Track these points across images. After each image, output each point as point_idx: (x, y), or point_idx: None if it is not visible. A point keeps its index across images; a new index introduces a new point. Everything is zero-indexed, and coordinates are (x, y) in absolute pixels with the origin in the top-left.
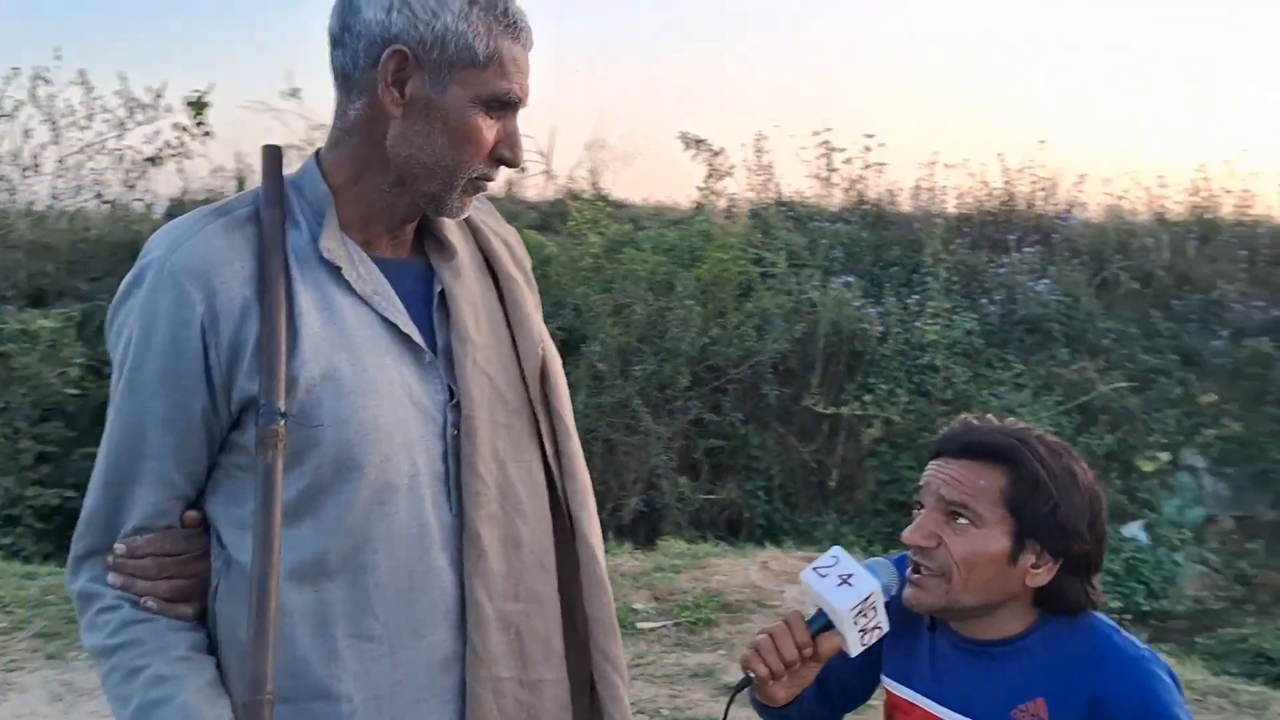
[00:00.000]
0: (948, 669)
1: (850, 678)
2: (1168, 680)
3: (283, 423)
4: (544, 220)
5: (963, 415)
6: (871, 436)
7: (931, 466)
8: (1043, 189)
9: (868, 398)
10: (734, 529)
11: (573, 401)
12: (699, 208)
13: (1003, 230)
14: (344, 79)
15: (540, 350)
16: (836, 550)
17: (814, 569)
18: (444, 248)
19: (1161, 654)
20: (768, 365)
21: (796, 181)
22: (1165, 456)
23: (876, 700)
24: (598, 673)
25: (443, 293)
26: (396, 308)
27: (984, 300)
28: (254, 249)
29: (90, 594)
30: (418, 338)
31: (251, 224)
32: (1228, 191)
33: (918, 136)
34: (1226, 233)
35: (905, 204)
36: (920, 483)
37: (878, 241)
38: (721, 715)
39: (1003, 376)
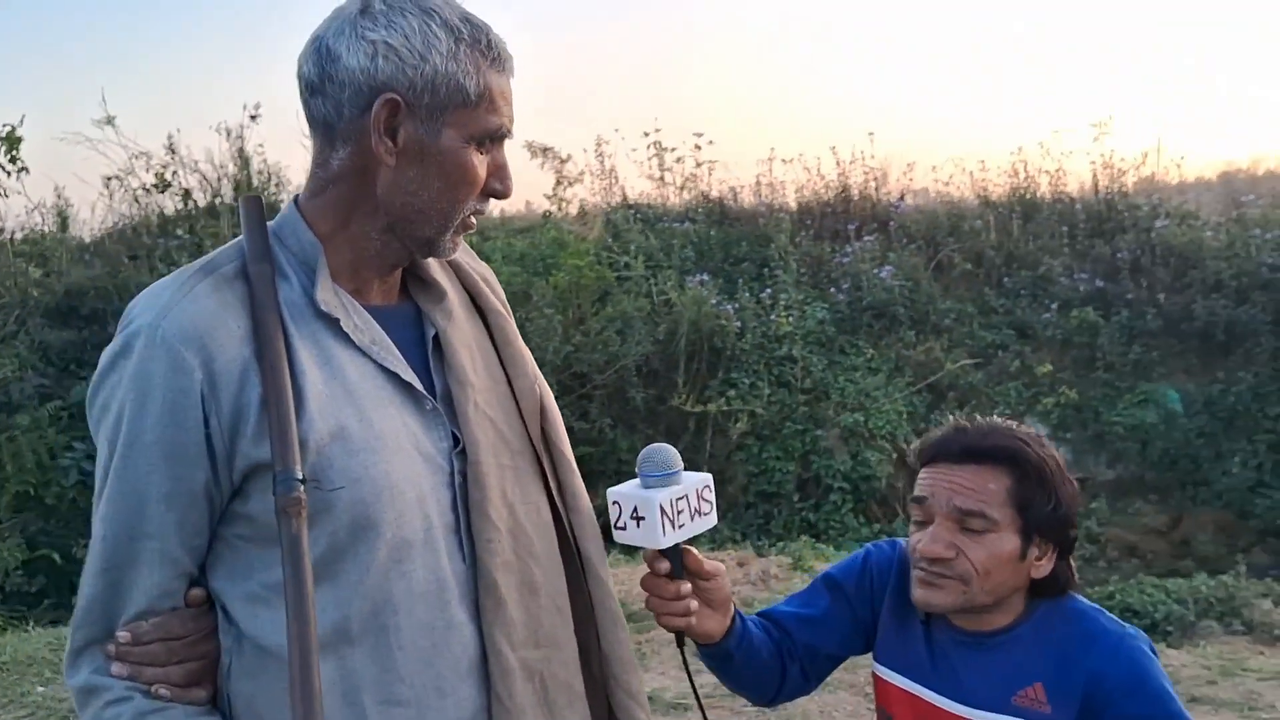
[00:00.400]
0: (946, 661)
1: (816, 640)
2: (1151, 654)
3: (302, 489)
4: None
5: (950, 418)
6: (738, 431)
7: (931, 474)
8: (875, 179)
9: (731, 393)
10: (610, 535)
11: None
12: (548, 215)
13: (842, 221)
14: (325, 128)
15: (536, 387)
16: (612, 494)
17: (615, 528)
18: (431, 289)
19: None
20: (632, 368)
21: (638, 184)
22: None
23: (846, 679)
24: (622, 710)
25: (436, 336)
26: (395, 357)
27: (832, 289)
28: (246, 307)
29: (94, 687)
30: (419, 386)
31: (240, 280)
32: (1044, 172)
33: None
34: (1046, 211)
35: (747, 200)
36: (920, 493)
37: (726, 239)
38: (689, 681)
39: (856, 362)
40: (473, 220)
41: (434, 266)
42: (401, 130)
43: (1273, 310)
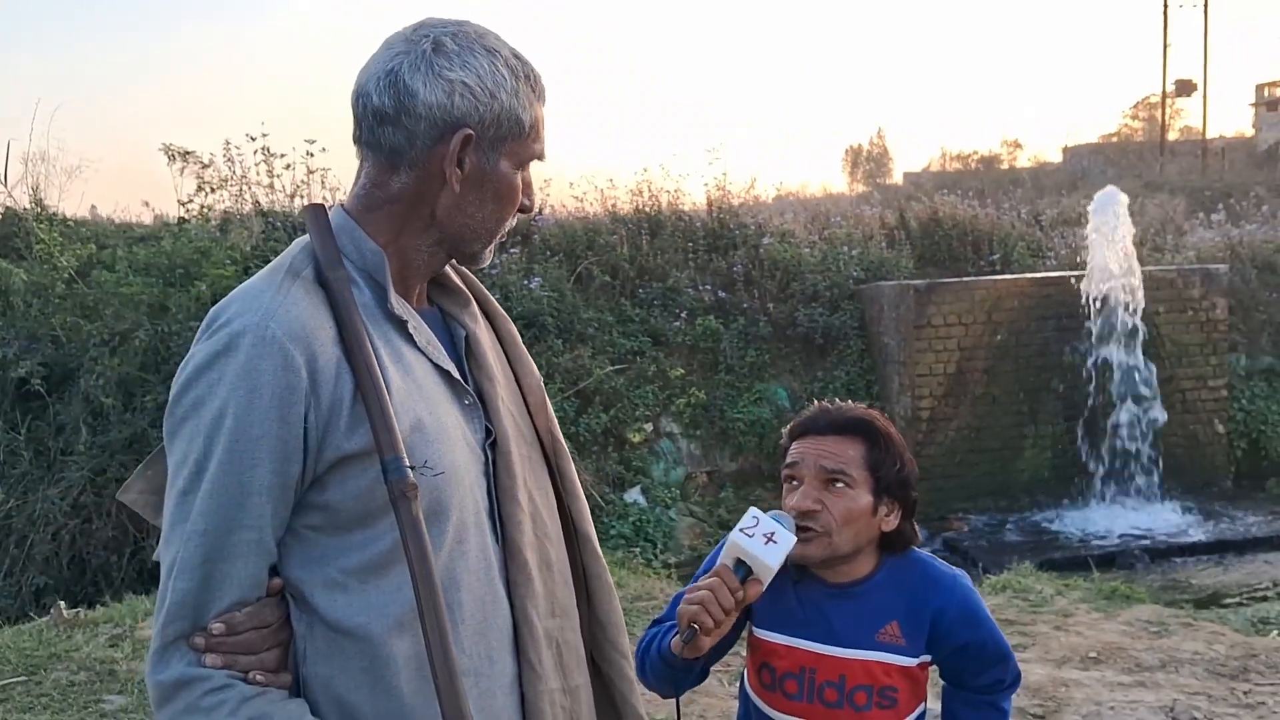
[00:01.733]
0: (816, 612)
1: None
2: (974, 589)
3: (411, 474)
4: None
5: (815, 401)
6: None
7: (801, 445)
8: None
9: None
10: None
11: (74, 442)
12: (183, 222)
13: None
14: (392, 154)
15: (540, 385)
16: (754, 511)
17: (742, 530)
18: (456, 295)
19: None
20: None
21: (260, 191)
22: (649, 427)
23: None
24: (613, 667)
25: (467, 337)
26: (445, 356)
27: None
28: (329, 309)
29: (190, 679)
30: (465, 383)
31: (318, 285)
32: (665, 191)
33: None
34: (669, 228)
35: None
36: (792, 460)
37: None
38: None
39: None
40: (505, 236)
41: (453, 274)
42: (468, 159)
43: (859, 317)
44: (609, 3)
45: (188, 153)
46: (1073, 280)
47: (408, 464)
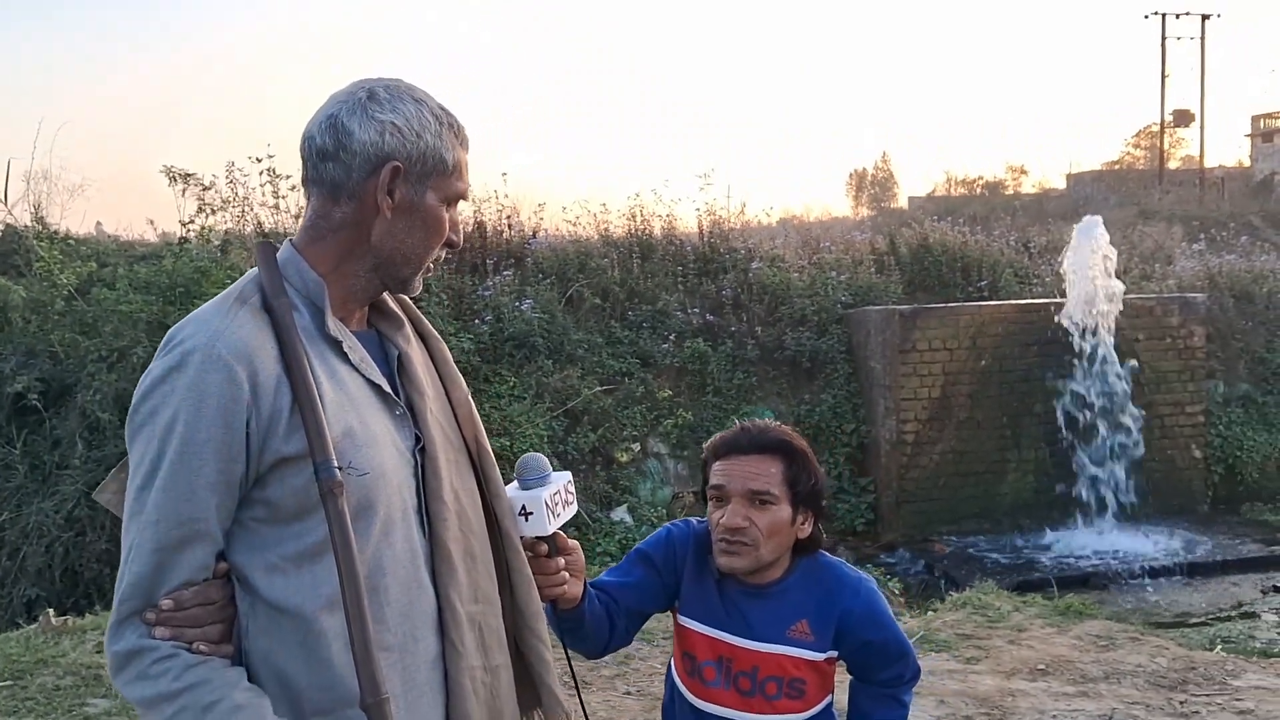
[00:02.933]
0: (735, 608)
1: (635, 602)
2: (878, 591)
3: (338, 473)
4: None
5: (734, 420)
6: None
7: (725, 464)
8: (508, 216)
9: None
10: None
11: (70, 456)
12: (183, 242)
13: (480, 255)
14: (333, 187)
15: (468, 398)
16: (525, 460)
17: (516, 482)
18: (391, 319)
19: None
20: None
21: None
22: (636, 447)
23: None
24: (532, 651)
25: (400, 356)
26: (377, 372)
27: (475, 321)
28: (272, 332)
29: (140, 649)
30: (394, 395)
31: (263, 311)
32: (657, 216)
33: None
34: (661, 252)
35: None
36: (718, 481)
37: None
38: (563, 646)
39: (500, 390)
40: (433, 266)
41: (389, 301)
42: (398, 191)
43: (846, 341)
44: (617, 35)
45: (188, 175)
46: (1053, 308)
47: (336, 465)
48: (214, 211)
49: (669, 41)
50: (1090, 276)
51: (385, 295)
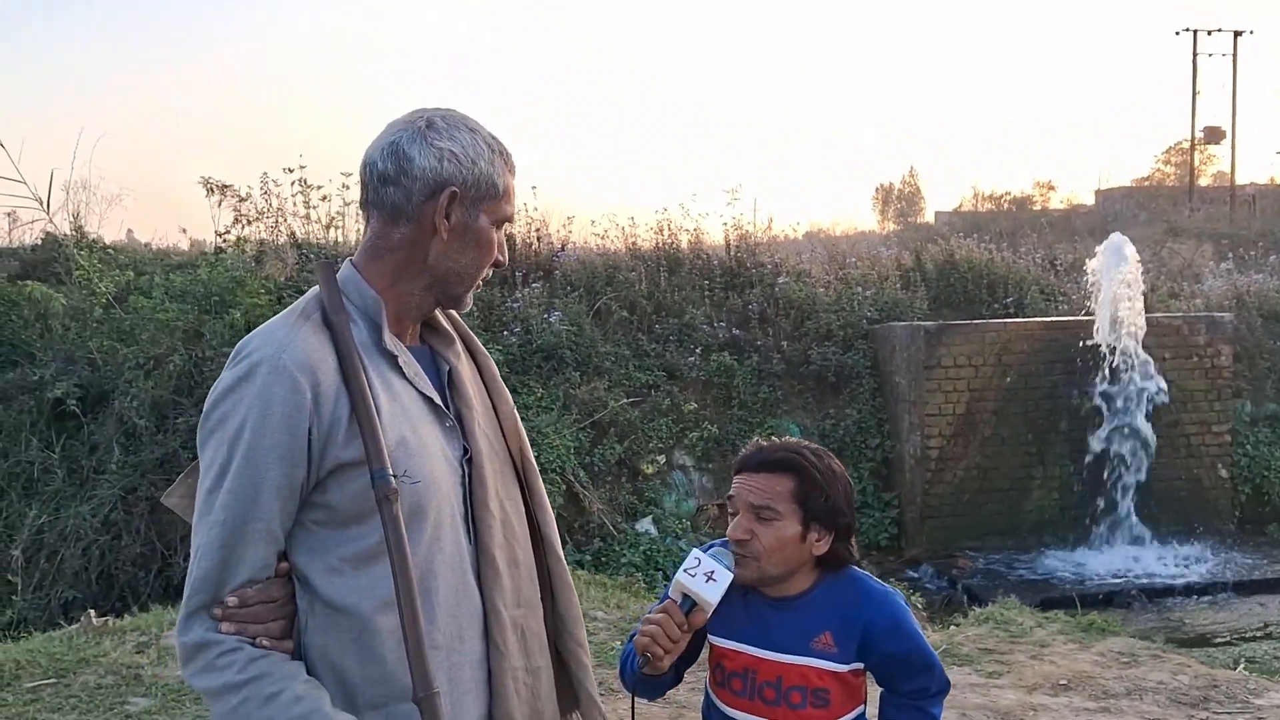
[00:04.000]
0: (760, 621)
1: (690, 645)
2: (905, 606)
3: (393, 480)
4: (26, 270)
5: (755, 438)
6: None
7: (737, 480)
8: (537, 229)
9: None
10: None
11: (107, 461)
12: (219, 251)
13: (509, 268)
14: (393, 210)
15: (514, 412)
16: (696, 552)
17: (685, 571)
18: (442, 335)
19: None
20: None
21: (296, 222)
22: (662, 459)
23: None
24: (571, 655)
25: (450, 370)
26: (429, 385)
27: (504, 332)
28: (332, 346)
29: (207, 643)
30: (445, 408)
31: (324, 326)
32: (685, 230)
33: None
34: (688, 265)
35: None
36: (730, 494)
37: None
38: (630, 701)
39: (528, 401)
40: (481, 284)
41: (441, 318)
42: (454, 214)
43: (871, 356)
44: (646, 50)
45: (225, 186)
46: (1079, 326)
47: (391, 473)
48: (249, 222)
49: (697, 56)
50: (1116, 296)
51: (437, 313)
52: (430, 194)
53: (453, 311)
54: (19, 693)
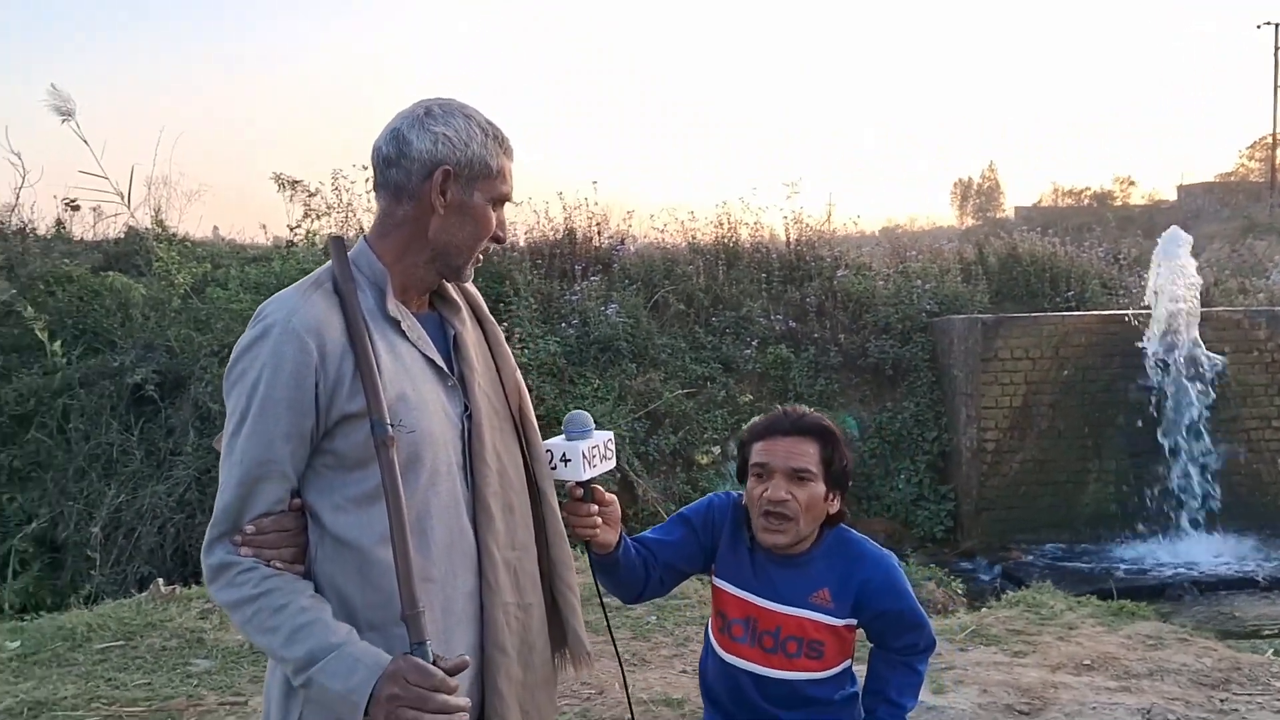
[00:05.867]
0: (765, 574)
1: (672, 558)
2: (899, 567)
3: (390, 429)
4: (109, 261)
5: (776, 406)
6: None
7: (767, 444)
8: (597, 224)
9: None
10: None
11: (183, 443)
12: (290, 245)
13: (569, 261)
14: (396, 189)
15: (516, 375)
16: (548, 443)
17: (550, 468)
18: (450, 304)
19: None
20: None
21: (366, 217)
22: (716, 450)
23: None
24: (561, 596)
25: (455, 336)
26: (432, 349)
27: (562, 324)
28: (340, 311)
29: (228, 563)
30: (446, 369)
31: (334, 294)
32: (744, 224)
33: None
34: (746, 259)
35: None
36: (761, 459)
37: None
38: (596, 589)
39: (584, 391)
40: (482, 258)
41: (450, 288)
42: (449, 191)
43: (930, 349)
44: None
45: (295, 182)
46: (1136, 319)
47: (389, 423)
48: (319, 216)
49: (768, 53)
50: (1174, 290)
51: (446, 283)
52: (427, 173)
53: (467, 286)
54: (89, 653)
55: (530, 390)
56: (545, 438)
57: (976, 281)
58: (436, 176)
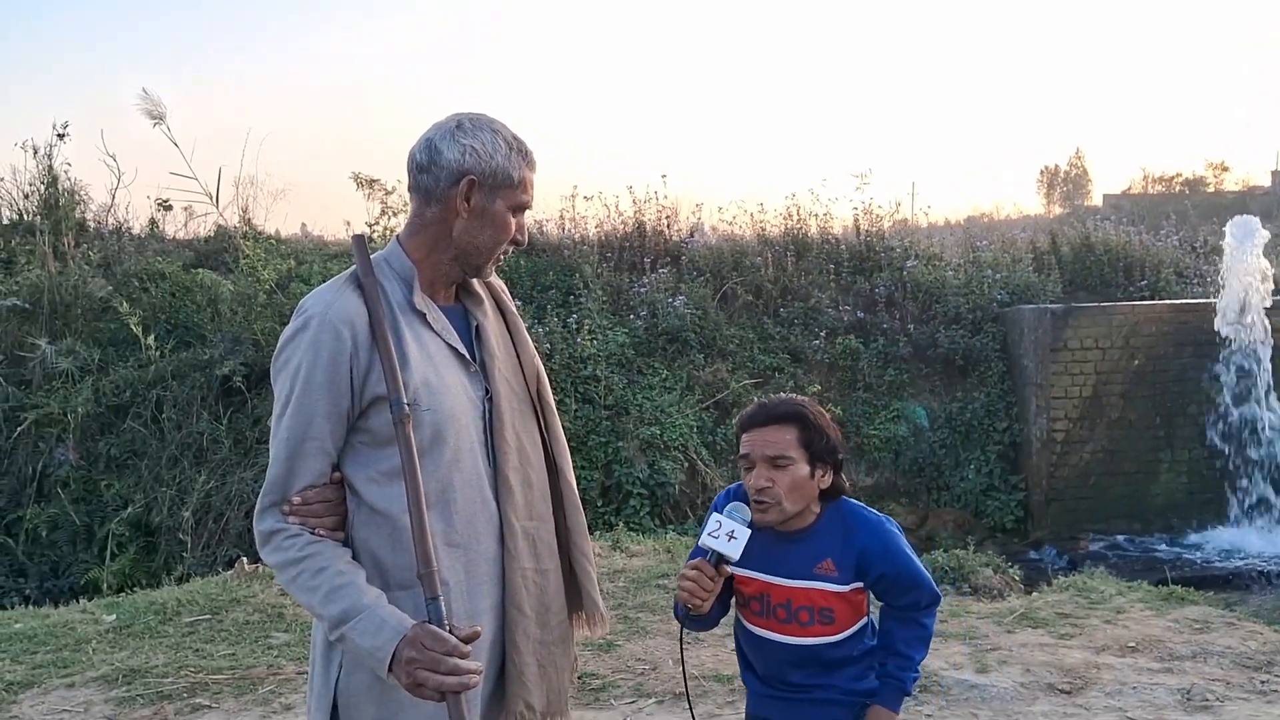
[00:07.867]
0: (770, 552)
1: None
2: (898, 531)
3: (407, 408)
4: (199, 259)
5: (755, 397)
6: None
7: (747, 437)
8: (667, 216)
9: None
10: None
11: (268, 432)
12: (370, 242)
13: (638, 253)
14: (426, 193)
15: (535, 362)
16: (716, 516)
17: (709, 534)
18: (474, 296)
19: None
20: None
21: None
22: None
23: None
24: (577, 563)
25: (478, 326)
26: (455, 338)
27: (631, 316)
28: (369, 306)
29: (276, 530)
30: (468, 356)
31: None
32: (813, 215)
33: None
34: (815, 250)
35: (553, 233)
36: (744, 451)
37: (535, 268)
38: (679, 650)
39: (652, 381)
40: (502, 258)
41: (475, 282)
42: (474, 198)
43: (1000, 339)
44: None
45: (373, 180)
46: (1209, 308)
47: (405, 402)
48: (395, 214)
49: (847, 40)
50: (1246, 278)
51: (477, 279)
52: (454, 181)
53: (492, 279)
54: (179, 626)
55: (599, 380)
56: (605, 425)
57: (1049, 271)
58: (462, 184)
